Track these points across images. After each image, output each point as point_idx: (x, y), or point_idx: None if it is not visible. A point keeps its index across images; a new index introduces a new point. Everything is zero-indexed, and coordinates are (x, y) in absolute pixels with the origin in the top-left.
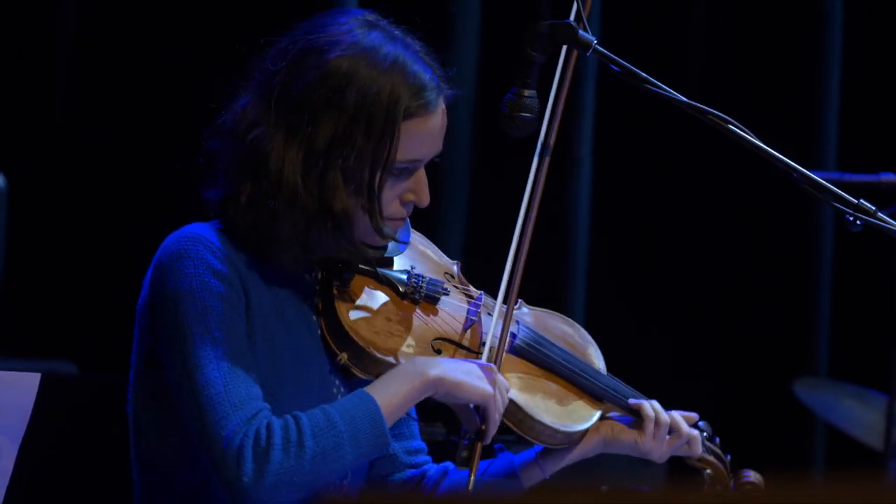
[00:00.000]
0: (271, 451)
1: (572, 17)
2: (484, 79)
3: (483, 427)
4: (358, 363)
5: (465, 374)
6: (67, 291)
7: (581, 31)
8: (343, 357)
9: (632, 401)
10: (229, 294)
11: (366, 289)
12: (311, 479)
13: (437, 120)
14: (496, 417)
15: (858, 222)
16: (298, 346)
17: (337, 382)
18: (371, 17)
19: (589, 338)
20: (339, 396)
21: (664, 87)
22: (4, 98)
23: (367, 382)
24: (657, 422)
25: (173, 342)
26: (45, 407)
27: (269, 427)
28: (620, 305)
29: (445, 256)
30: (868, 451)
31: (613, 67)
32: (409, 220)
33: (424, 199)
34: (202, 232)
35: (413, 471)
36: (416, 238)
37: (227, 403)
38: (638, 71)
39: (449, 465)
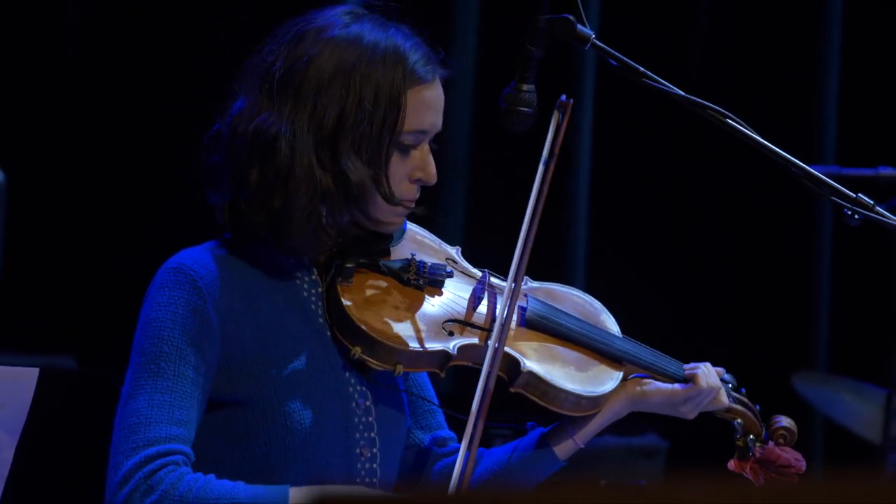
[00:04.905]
0: (152, 494)
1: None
2: (482, 73)
3: None
4: (373, 355)
5: None
6: (67, 286)
7: (579, 26)
8: (357, 351)
9: (686, 370)
10: (199, 327)
11: (369, 282)
12: None
13: (437, 91)
14: None
15: (857, 216)
16: (307, 352)
17: (353, 381)
18: (359, 9)
19: (600, 305)
20: (356, 396)
21: (662, 81)
22: (7, 93)
23: (386, 375)
24: (708, 389)
25: (129, 364)
26: (43, 401)
27: (167, 471)
28: (618, 301)
29: (445, 243)
30: (866, 445)
31: (611, 62)
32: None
33: (432, 175)
34: (189, 261)
35: (446, 460)
36: (414, 228)
37: (142, 437)
38: (636, 65)
39: (482, 450)
